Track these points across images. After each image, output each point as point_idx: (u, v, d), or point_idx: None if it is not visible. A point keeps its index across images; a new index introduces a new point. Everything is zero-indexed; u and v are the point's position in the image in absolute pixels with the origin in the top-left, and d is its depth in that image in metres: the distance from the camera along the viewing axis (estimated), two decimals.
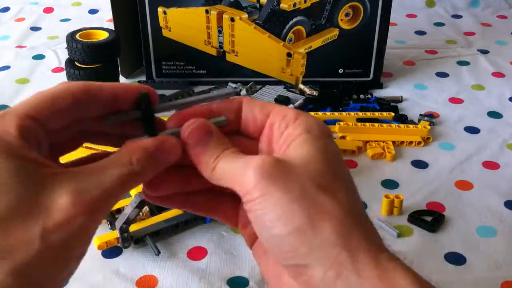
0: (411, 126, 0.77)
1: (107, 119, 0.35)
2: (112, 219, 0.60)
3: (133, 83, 0.81)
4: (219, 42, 0.86)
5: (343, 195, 0.32)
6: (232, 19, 0.83)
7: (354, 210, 0.32)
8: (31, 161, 0.30)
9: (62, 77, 0.85)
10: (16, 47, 1.02)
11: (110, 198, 0.32)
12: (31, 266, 0.29)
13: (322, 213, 0.31)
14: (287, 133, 0.34)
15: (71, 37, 0.76)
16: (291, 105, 0.80)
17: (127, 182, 0.32)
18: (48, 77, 0.92)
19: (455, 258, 0.58)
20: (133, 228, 0.58)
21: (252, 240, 0.38)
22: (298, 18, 0.85)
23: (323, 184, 0.32)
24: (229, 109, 0.37)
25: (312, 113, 0.80)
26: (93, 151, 0.37)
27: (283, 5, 0.83)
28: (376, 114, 0.80)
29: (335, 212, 0.31)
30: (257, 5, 0.84)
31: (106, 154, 0.34)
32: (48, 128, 0.33)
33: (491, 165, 0.73)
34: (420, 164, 0.73)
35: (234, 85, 0.86)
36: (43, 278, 0.29)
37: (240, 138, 0.38)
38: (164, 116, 0.37)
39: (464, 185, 0.69)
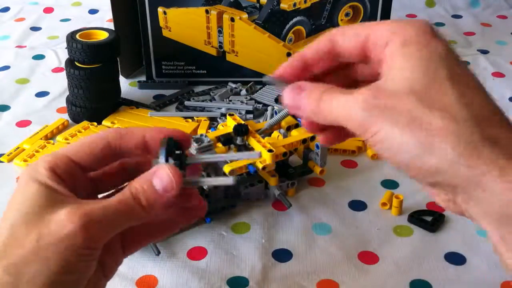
0: None
1: (152, 162, 0.39)
2: None
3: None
4: (219, 42, 0.86)
5: (455, 104, 0.31)
6: (232, 19, 0.83)
7: (471, 117, 0.31)
8: (50, 188, 0.36)
9: (62, 77, 0.85)
10: (16, 47, 1.02)
11: (108, 215, 0.35)
12: (21, 264, 0.34)
13: (437, 135, 0.31)
14: (387, 52, 0.34)
15: (71, 37, 0.76)
16: None
17: (126, 204, 0.36)
18: (48, 77, 0.92)
19: (455, 258, 0.58)
20: None
21: None
22: (298, 18, 0.85)
23: (431, 100, 0.31)
24: (321, 50, 0.37)
25: None
26: None
27: (283, 5, 0.83)
28: None
29: (449, 129, 0.30)
30: (257, 5, 0.84)
31: None
32: (86, 168, 0.39)
33: None
34: None
35: (234, 85, 0.86)
36: (33, 276, 0.34)
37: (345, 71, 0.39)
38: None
39: None
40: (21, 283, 0.34)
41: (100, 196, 0.42)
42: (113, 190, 0.42)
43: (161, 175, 0.37)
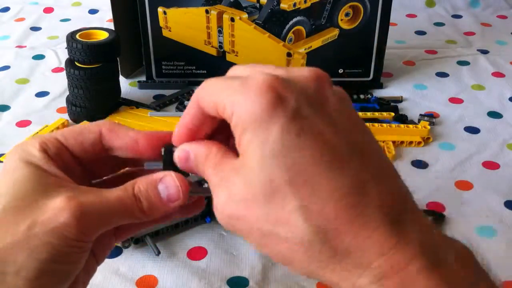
0: (411, 126, 0.77)
1: (144, 165, 0.38)
2: None
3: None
4: (219, 42, 0.86)
5: (297, 219, 0.28)
6: (232, 19, 0.83)
7: (316, 234, 0.28)
8: (43, 170, 0.34)
9: (62, 77, 0.85)
10: (16, 47, 1.02)
11: (105, 210, 0.34)
12: (10, 251, 0.32)
13: (289, 256, 0.30)
14: (235, 137, 0.31)
15: (71, 37, 0.76)
16: None
17: (125, 203, 0.34)
18: (48, 77, 0.92)
19: None
20: None
21: None
22: (298, 18, 0.85)
23: (270, 213, 0.29)
24: (194, 119, 0.35)
25: None
26: None
27: (283, 5, 0.83)
28: (376, 114, 0.80)
29: (294, 248, 0.29)
30: (257, 5, 0.84)
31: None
32: (76, 154, 0.37)
33: (491, 165, 0.73)
34: (420, 164, 0.73)
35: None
36: (21, 264, 0.32)
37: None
38: None
39: (464, 185, 0.69)
40: (9, 271, 0.32)
41: (94, 181, 0.40)
42: (110, 176, 0.40)
43: (167, 183, 0.35)
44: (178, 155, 0.35)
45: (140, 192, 0.35)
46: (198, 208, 0.39)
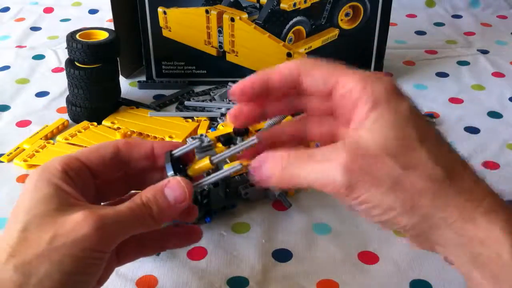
0: None
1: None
2: None
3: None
4: (219, 42, 0.86)
5: (427, 161, 0.34)
6: (232, 19, 0.83)
7: (443, 172, 0.34)
8: (62, 190, 0.37)
9: (62, 77, 0.85)
10: (16, 47, 1.02)
11: (120, 221, 0.36)
12: (33, 264, 0.34)
13: (416, 194, 0.33)
14: (358, 111, 0.35)
15: (71, 37, 0.76)
16: None
17: (137, 212, 0.37)
18: (48, 77, 0.92)
19: None
20: None
21: None
22: (298, 18, 0.85)
23: (406, 160, 0.34)
24: (286, 80, 0.38)
25: None
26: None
27: (283, 5, 0.83)
28: None
29: (426, 188, 0.33)
30: (257, 5, 0.84)
31: None
32: (95, 173, 0.40)
33: (491, 165, 0.73)
34: None
35: (234, 85, 0.86)
36: (44, 276, 0.34)
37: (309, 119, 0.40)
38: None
39: None
40: (31, 282, 0.34)
41: (102, 204, 0.43)
42: (116, 199, 0.43)
43: (173, 186, 0.38)
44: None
45: (149, 200, 0.38)
46: (195, 236, 0.44)
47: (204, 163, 0.40)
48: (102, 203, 0.43)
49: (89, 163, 0.40)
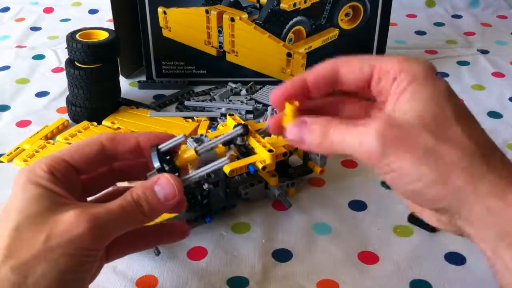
0: None
1: (147, 175, 0.42)
2: None
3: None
4: (219, 42, 0.86)
5: (461, 136, 0.34)
6: (232, 19, 0.83)
7: (477, 148, 0.34)
8: (51, 191, 0.37)
9: (62, 77, 0.85)
10: (16, 47, 1.02)
11: (112, 219, 0.37)
12: (29, 264, 0.34)
13: (449, 165, 0.33)
14: (395, 86, 0.36)
15: (71, 37, 0.76)
16: None
17: (128, 210, 0.38)
18: (48, 77, 0.92)
19: (455, 258, 0.58)
20: None
21: None
22: (298, 18, 0.85)
23: (441, 133, 0.34)
24: (323, 77, 0.39)
25: None
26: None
27: (283, 5, 0.83)
28: None
29: (459, 161, 0.33)
30: (257, 5, 0.84)
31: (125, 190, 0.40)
32: (80, 171, 0.40)
33: None
34: None
35: (234, 85, 0.86)
36: (41, 275, 0.34)
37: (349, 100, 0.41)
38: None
39: None
40: (28, 282, 0.34)
41: (89, 199, 0.44)
42: (101, 193, 0.44)
43: (163, 184, 0.39)
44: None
45: (139, 197, 0.38)
46: (182, 234, 0.45)
47: (190, 153, 0.41)
48: (88, 198, 0.43)
49: (73, 162, 0.40)
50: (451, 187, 0.33)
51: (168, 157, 0.41)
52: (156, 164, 0.40)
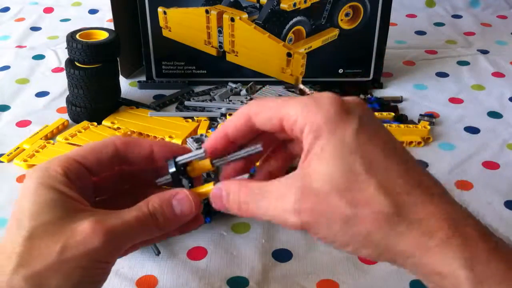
0: (411, 126, 0.77)
1: (157, 182, 0.42)
2: None
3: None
4: (219, 42, 0.86)
5: (374, 194, 0.32)
6: (232, 19, 0.83)
7: (394, 207, 0.32)
8: (67, 196, 0.36)
9: (62, 77, 0.85)
10: (16, 47, 1.02)
11: (127, 232, 0.37)
12: (44, 275, 0.34)
13: (368, 231, 0.33)
14: (304, 140, 0.35)
15: (71, 37, 0.76)
16: None
17: (143, 222, 0.37)
18: (48, 77, 0.92)
19: None
20: None
21: None
22: (298, 18, 0.85)
23: (354, 196, 0.33)
24: (240, 127, 0.38)
25: None
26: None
27: (283, 5, 0.83)
28: (376, 114, 0.80)
29: (377, 224, 0.32)
30: (257, 5, 0.84)
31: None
32: (92, 172, 0.40)
33: (491, 165, 0.73)
34: (420, 164, 0.73)
35: (234, 85, 0.86)
36: (55, 287, 0.34)
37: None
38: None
39: (464, 185, 0.69)
40: None
41: (97, 198, 0.43)
42: (109, 195, 0.44)
43: (181, 199, 0.38)
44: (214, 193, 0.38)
45: (156, 210, 0.38)
46: (195, 223, 0.43)
47: (205, 165, 0.40)
48: (97, 198, 0.43)
49: (87, 164, 0.40)
50: (379, 249, 0.33)
51: (182, 167, 0.41)
52: (172, 170, 0.39)
